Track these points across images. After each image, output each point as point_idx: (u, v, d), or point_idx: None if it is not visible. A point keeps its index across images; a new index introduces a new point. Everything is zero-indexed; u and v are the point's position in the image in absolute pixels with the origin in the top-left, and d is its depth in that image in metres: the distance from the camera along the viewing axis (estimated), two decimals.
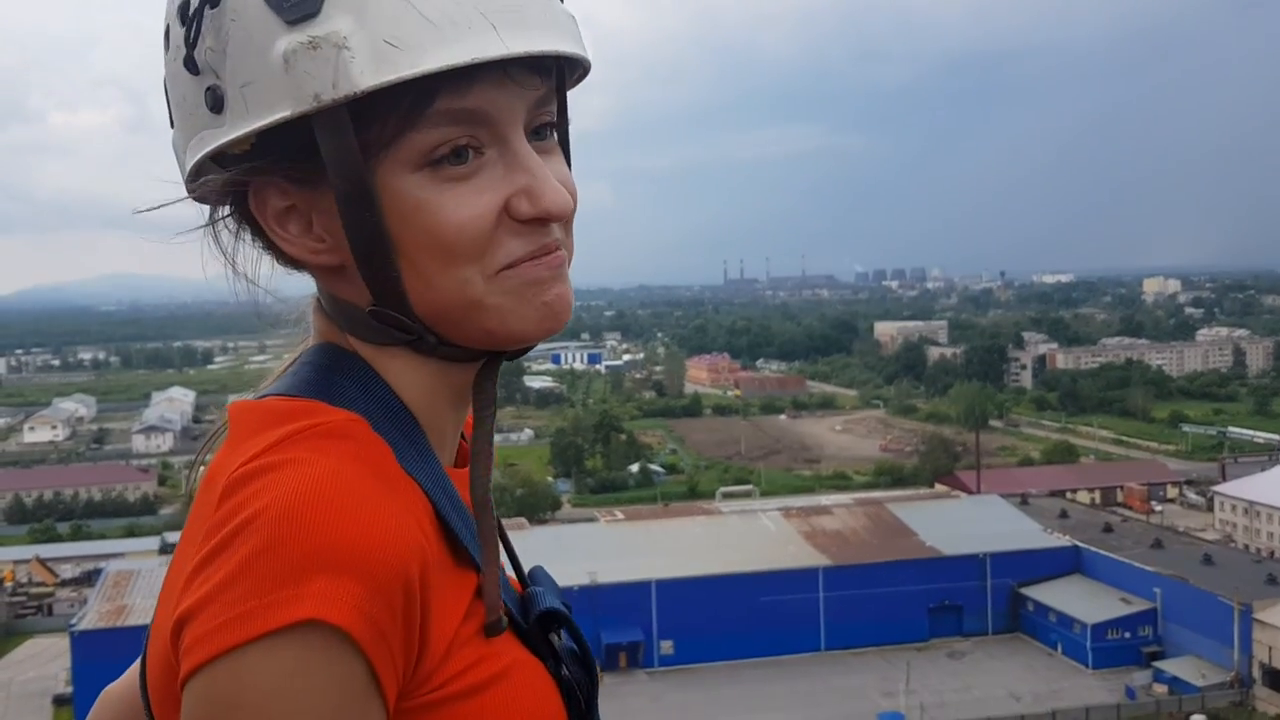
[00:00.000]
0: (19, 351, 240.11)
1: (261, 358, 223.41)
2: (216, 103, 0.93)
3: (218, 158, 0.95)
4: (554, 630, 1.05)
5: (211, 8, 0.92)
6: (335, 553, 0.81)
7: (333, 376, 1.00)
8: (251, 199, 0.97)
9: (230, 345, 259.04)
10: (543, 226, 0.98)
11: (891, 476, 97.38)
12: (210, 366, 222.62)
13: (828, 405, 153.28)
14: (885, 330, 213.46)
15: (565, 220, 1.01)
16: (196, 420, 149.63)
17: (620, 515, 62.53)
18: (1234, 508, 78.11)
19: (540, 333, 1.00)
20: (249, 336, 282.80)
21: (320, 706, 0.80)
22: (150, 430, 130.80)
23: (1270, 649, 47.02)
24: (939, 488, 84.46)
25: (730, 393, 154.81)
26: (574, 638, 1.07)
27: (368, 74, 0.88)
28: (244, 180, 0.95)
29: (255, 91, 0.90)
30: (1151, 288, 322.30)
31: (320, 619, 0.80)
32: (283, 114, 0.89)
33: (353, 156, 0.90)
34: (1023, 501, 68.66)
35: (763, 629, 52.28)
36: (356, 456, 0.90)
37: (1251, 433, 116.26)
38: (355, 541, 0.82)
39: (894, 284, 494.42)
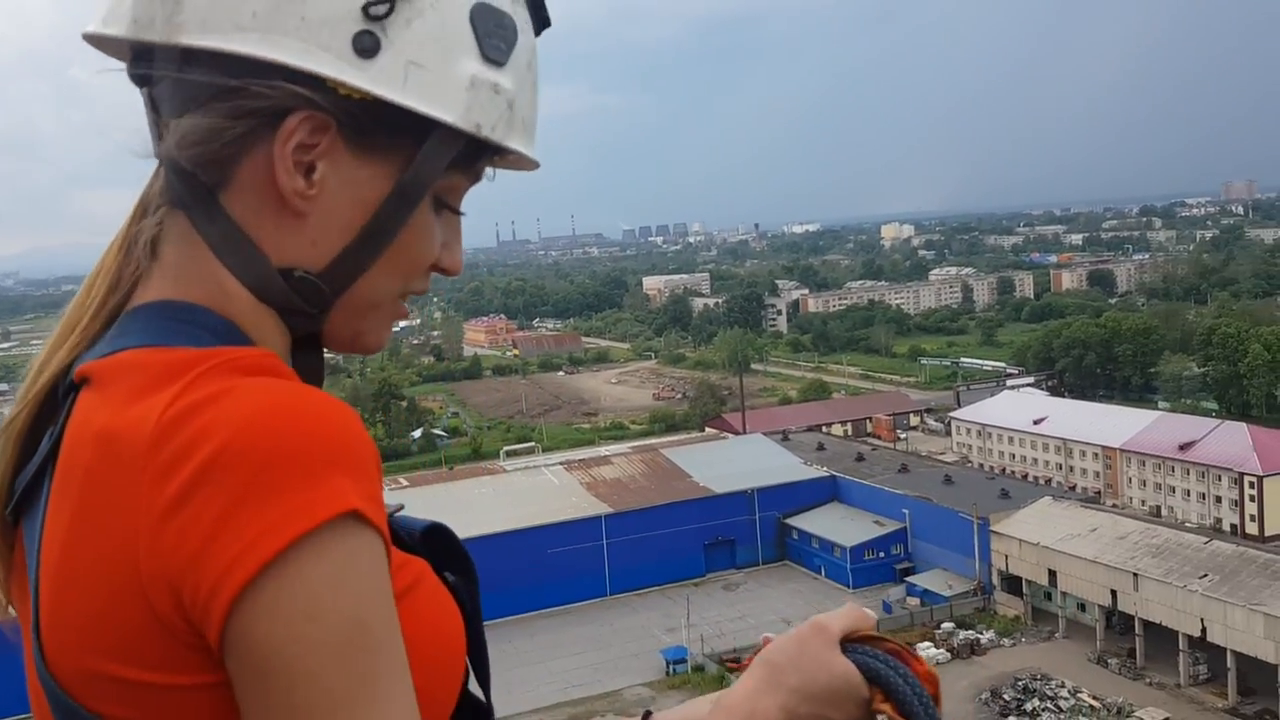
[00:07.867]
0: None
1: (6, 345, 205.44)
2: (364, 50, 0.95)
3: (306, 77, 0.94)
4: (438, 543, 1.07)
5: None
6: (325, 448, 0.83)
7: (204, 322, 0.96)
8: (296, 119, 0.95)
9: None
10: (428, 278, 1.10)
11: (665, 423, 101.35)
12: None
13: (603, 359, 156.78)
14: (653, 284, 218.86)
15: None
16: None
17: (405, 483, 62.02)
18: (968, 430, 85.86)
19: (360, 352, 1.09)
20: None
21: (377, 584, 0.85)
22: None
23: (1006, 557, 51.92)
24: (709, 430, 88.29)
25: (509, 353, 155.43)
26: (454, 549, 1.09)
27: (511, 137, 1.04)
28: (305, 106, 0.95)
29: (423, 77, 0.98)
30: (889, 233, 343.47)
31: (343, 511, 0.82)
32: (446, 118, 0.99)
33: (438, 171, 1.02)
34: (784, 438, 72.87)
35: (552, 580, 53.90)
36: (284, 380, 0.90)
37: (980, 362, 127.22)
38: (338, 433, 0.85)
39: (659, 239, 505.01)
